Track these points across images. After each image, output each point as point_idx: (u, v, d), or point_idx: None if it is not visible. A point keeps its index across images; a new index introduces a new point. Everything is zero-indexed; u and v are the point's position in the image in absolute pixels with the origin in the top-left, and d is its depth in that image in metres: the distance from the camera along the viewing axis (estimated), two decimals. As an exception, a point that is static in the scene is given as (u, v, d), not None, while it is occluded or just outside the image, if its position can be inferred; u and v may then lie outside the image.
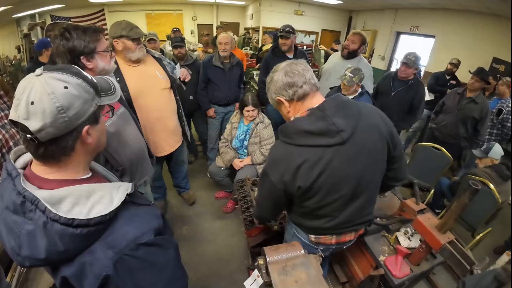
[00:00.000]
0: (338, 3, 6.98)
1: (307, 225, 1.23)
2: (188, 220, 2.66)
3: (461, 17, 4.90)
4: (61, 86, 0.55)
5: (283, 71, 1.03)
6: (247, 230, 1.80)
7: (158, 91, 1.95)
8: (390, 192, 1.99)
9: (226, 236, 2.50)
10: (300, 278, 1.05)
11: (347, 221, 1.18)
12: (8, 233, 0.56)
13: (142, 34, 1.82)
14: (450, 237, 1.36)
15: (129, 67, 1.83)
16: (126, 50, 1.77)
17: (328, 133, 0.96)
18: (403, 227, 1.68)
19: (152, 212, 0.68)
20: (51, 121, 0.54)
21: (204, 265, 2.18)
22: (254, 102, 2.50)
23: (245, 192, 1.96)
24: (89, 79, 0.62)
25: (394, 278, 1.41)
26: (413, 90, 2.72)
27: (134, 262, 0.59)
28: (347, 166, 1.01)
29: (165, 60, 2.07)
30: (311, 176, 0.98)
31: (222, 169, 2.68)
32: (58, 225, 0.53)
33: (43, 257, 0.53)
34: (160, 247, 0.64)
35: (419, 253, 1.47)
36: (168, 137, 2.13)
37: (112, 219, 0.59)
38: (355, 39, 2.77)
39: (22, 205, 0.54)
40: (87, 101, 0.59)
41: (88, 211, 0.56)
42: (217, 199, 2.97)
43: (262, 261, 1.15)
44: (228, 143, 2.69)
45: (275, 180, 1.04)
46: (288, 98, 1.04)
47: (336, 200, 1.08)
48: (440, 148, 2.75)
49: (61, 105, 0.54)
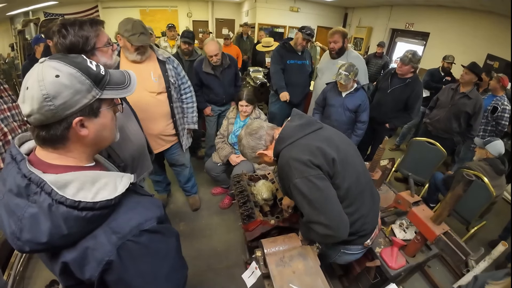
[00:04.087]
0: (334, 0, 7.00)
1: (360, 233, 1.26)
2: (185, 216, 2.66)
3: (455, 14, 4.94)
4: (52, 74, 0.55)
5: (246, 136, 1.26)
6: (244, 224, 1.80)
7: (146, 93, 1.91)
8: (386, 185, 2.01)
9: (223, 231, 2.50)
10: (297, 268, 1.06)
11: (371, 208, 1.28)
12: (9, 217, 0.55)
13: (145, 43, 1.76)
14: (445, 228, 1.38)
15: (127, 62, 1.82)
16: (125, 48, 1.76)
17: (312, 123, 1.20)
18: (398, 219, 1.70)
19: (154, 202, 0.69)
20: (38, 108, 0.54)
21: (201, 260, 2.18)
22: (248, 98, 2.49)
23: (241, 187, 1.96)
24: (92, 71, 0.61)
25: (390, 269, 1.43)
26: (410, 89, 2.70)
27: (137, 249, 0.59)
28: (339, 140, 1.20)
29: (170, 64, 2.00)
30: (331, 144, 1.13)
31: (218, 164, 2.67)
32: (64, 207, 0.53)
33: (44, 240, 0.53)
34: (162, 235, 0.64)
35: (414, 245, 1.49)
36: (152, 140, 2.05)
37: (116, 205, 0.59)
38: (335, 39, 2.81)
39: (27, 187, 0.54)
40: (79, 92, 0.58)
41: (94, 196, 0.56)
42: (214, 195, 2.97)
43: (260, 253, 1.16)
44: (225, 139, 2.69)
45: (316, 173, 1.06)
46: (264, 147, 1.24)
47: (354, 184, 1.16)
48: (434, 143, 2.78)
49: (47, 93, 0.54)
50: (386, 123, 2.90)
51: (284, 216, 1.69)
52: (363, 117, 2.57)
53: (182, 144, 2.28)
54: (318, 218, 1.04)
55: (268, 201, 1.85)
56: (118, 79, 0.67)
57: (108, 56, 1.18)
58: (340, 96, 2.55)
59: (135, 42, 1.70)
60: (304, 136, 1.13)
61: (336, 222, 1.05)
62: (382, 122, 2.91)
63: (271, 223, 1.68)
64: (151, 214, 0.63)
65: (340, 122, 2.60)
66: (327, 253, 1.40)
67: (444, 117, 2.94)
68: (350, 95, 2.51)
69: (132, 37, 1.68)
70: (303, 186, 1.04)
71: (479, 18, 4.53)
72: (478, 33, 4.56)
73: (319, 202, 1.04)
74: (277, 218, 1.68)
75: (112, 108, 0.68)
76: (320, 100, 2.74)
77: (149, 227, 0.60)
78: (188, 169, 2.54)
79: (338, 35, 2.80)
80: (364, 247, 1.34)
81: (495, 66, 4.04)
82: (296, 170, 1.05)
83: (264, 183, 1.88)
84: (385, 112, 2.86)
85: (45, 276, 1.89)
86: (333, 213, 1.05)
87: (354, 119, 2.62)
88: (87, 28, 1.07)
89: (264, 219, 1.69)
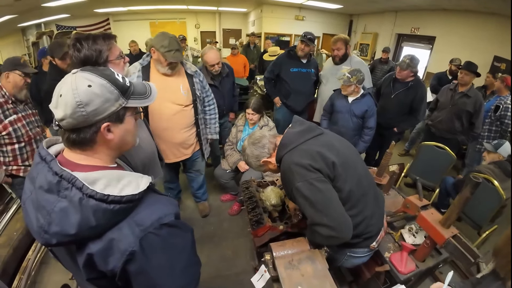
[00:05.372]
0: (339, 7, 7.07)
1: (365, 236, 1.28)
2: (195, 223, 2.69)
3: (460, 17, 4.93)
4: (85, 84, 0.62)
5: (250, 146, 1.32)
6: (253, 230, 1.83)
7: (175, 105, 1.98)
8: (394, 190, 2.01)
9: (232, 238, 2.53)
10: (306, 271, 1.08)
11: (375, 210, 1.30)
12: (38, 212, 0.60)
13: (179, 60, 1.84)
14: (454, 231, 1.37)
15: (158, 73, 1.90)
16: (157, 61, 1.85)
17: (313, 129, 1.25)
18: (408, 224, 1.70)
19: (170, 200, 0.74)
20: (71, 113, 0.61)
21: (210, 266, 2.20)
22: (255, 106, 2.54)
23: (250, 193, 1.99)
24: (119, 82, 0.68)
25: (400, 274, 1.42)
26: (413, 92, 2.74)
27: (157, 241, 0.64)
28: (339, 145, 1.24)
29: (197, 77, 2.07)
30: (331, 149, 1.17)
31: (227, 171, 2.71)
32: (94, 200, 0.58)
33: (73, 232, 0.57)
34: (180, 230, 0.69)
35: (424, 249, 1.48)
36: (174, 148, 2.15)
37: (139, 200, 0.65)
38: (338, 46, 2.87)
39: (58, 184, 0.59)
40: (109, 100, 0.65)
41: (119, 191, 0.61)
42: (223, 201, 3.00)
43: (269, 256, 1.19)
44: (234, 146, 2.74)
45: (316, 176, 1.10)
46: (268, 155, 1.30)
47: (356, 187, 1.19)
48: (443, 147, 2.76)
49: (80, 101, 0.61)
50: (393, 128, 2.92)
51: (293, 222, 1.71)
52: (370, 123, 2.58)
53: (204, 153, 2.37)
54: (321, 220, 1.08)
55: (277, 207, 1.87)
56: (140, 90, 0.75)
57: (120, 69, 1.25)
58: (347, 102, 2.58)
59: (169, 58, 1.78)
60: (304, 141, 1.18)
61: (339, 223, 1.08)
62: (389, 127, 2.92)
63: (279, 229, 1.70)
64: (169, 210, 0.68)
65: (347, 128, 2.63)
66: (335, 257, 1.41)
67: (446, 117, 2.95)
68: (357, 101, 2.54)
69: (167, 53, 1.76)
70: (305, 189, 1.08)
71: (484, 20, 4.51)
72: (484, 35, 4.54)
73: (321, 204, 1.08)
74: (285, 224, 1.70)
75: (134, 116, 0.76)
76: (328, 107, 2.77)
77: (168, 221, 0.66)
78: (202, 176, 2.61)
79: (340, 42, 2.87)
80: (371, 250, 1.34)
81: (502, 68, 4.00)
82: (298, 174, 1.10)
83: (272, 189, 1.91)
84: (391, 117, 2.87)
85: (57, 281, 1.95)
86: (336, 214, 1.08)
87: (361, 125, 2.63)
88: (100, 42, 1.14)
89: (273, 224, 1.71)
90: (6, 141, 1.85)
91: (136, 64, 1.93)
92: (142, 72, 1.91)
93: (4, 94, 1.82)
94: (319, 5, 7.14)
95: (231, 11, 9.94)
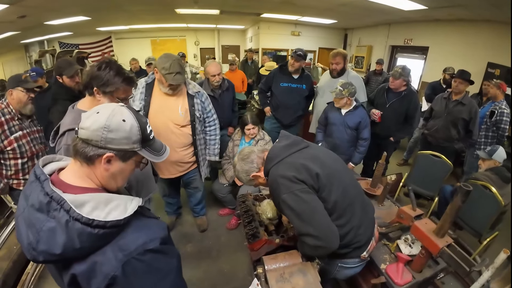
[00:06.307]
0: (333, 22, 7.26)
1: (354, 245, 1.29)
2: (193, 237, 2.68)
3: (453, 26, 5.01)
4: (121, 117, 0.71)
5: (239, 162, 1.37)
6: (249, 244, 1.82)
7: (172, 124, 2.04)
8: (389, 200, 2.01)
9: (230, 252, 2.51)
10: (297, 284, 1.08)
11: (363, 219, 1.31)
12: (28, 229, 0.62)
13: (179, 83, 1.91)
14: (448, 240, 1.37)
15: (160, 92, 1.97)
16: (160, 81, 1.92)
17: (298, 142, 1.30)
18: (404, 235, 1.69)
19: (159, 224, 0.76)
20: (94, 129, 0.67)
21: (208, 281, 2.18)
22: (254, 120, 2.60)
23: (247, 207, 2.00)
24: (146, 132, 0.76)
25: (396, 285, 1.40)
26: (407, 101, 2.81)
27: (140, 266, 0.64)
28: (324, 157, 1.29)
29: (198, 98, 2.11)
30: (316, 161, 1.21)
31: (225, 185, 2.73)
32: (79, 224, 0.60)
33: (58, 252, 0.59)
34: (165, 255, 0.70)
35: (420, 259, 1.47)
36: (169, 165, 2.18)
37: (125, 225, 0.66)
38: (337, 60, 2.94)
39: (48, 204, 0.62)
40: (129, 139, 0.71)
41: (106, 215, 0.63)
42: (221, 215, 3.00)
43: (261, 269, 1.19)
44: (231, 160, 2.76)
45: (300, 187, 1.13)
46: (257, 169, 1.34)
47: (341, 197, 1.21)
48: (439, 155, 2.77)
49: (109, 125, 0.68)
50: (389, 137, 2.95)
51: (289, 235, 1.71)
52: (365, 134, 2.61)
53: (201, 174, 2.38)
54: (308, 230, 1.10)
55: (273, 220, 1.87)
56: (157, 147, 0.81)
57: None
58: (340, 115, 2.62)
59: (170, 81, 1.85)
60: (290, 155, 1.22)
61: (325, 232, 1.10)
62: (385, 136, 2.96)
63: (276, 242, 1.69)
64: (155, 234, 0.69)
65: (342, 140, 2.66)
66: (326, 269, 1.41)
67: (442, 126, 2.98)
68: (350, 113, 2.58)
69: (168, 75, 1.82)
70: (290, 201, 1.11)
71: (476, 28, 4.56)
72: (477, 42, 4.59)
73: (306, 214, 1.10)
74: (282, 237, 1.70)
75: (137, 163, 0.80)
76: (322, 119, 2.82)
77: (152, 247, 0.66)
78: (201, 192, 2.62)
79: (339, 57, 2.94)
80: (362, 260, 1.34)
81: (496, 74, 4.03)
82: (283, 186, 1.13)
83: (268, 203, 1.92)
84: (387, 127, 2.91)
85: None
86: (321, 224, 1.10)
87: (355, 136, 2.66)
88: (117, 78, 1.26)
89: (269, 238, 1.70)
90: (10, 156, 1.93)
91: (142, 81, 2.01)
92: (145, 88, 1.98)
93: (10, 111, 1.92)
94: (314, 20, 7.33)
95: (229, 28, 10.24)
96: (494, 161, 2.46)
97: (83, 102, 1.35)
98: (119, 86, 1.26)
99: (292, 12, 6.47)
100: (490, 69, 4.19)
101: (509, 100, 3.17)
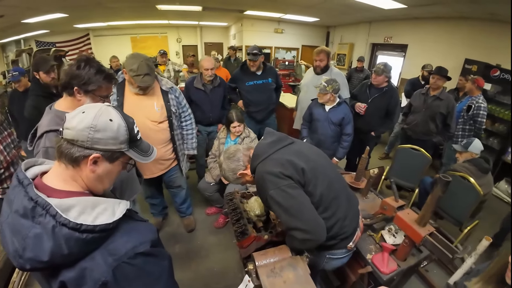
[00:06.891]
0: (315, 20, 7.34)
1: (341, 237, 1.31)
2: (181, 238, 2.65)
3: (431, 24, 5.18)
4: (108, 117, 0.69)
5: (225, 160, 1.37)
6: (238, 241, 1.82)
7: (149, 121, 2.00)
8: (373, 193, 2.07)
9: (219, 251, 2.50)
10: (288, 278, 1.10)
11: (348, 211, 1.34)
12: (13, 236, 0.59)
13: (148, 85, 1.86)
14: (430, 229, 1.43)
15: (131, 93, 1.92)
16: (129, 82, 1.87)
17: (283, 139, 1.32)
18: (387, 225, 1.75)
19: (148, 226, 0.74)
20: (80, 129, 0.65)
21: (198, 281, 2.16)
22: (239, 117, 2.59)
23: (234, 205, 1.99)
24: (133, 132, 0.75)
25: (382, 274, 1.45)
26: (388, 96, 2.90)
27: (131, 270, 0.63)
28: (309, 152, 1.32)
29: (172, 94, 2.09)
30: (301, 156, 1.23)
31: (211, 184, 2.71)
32: (66, 229, 0.57)
33: (46, 259, 0.57)
34: (156, 258, 0.69)
35: (404, 248, 1.52)
36: (151, 165, 2.14)
37: (114, 229, 0.64)
38: (321, 57, 2.98)
39: (33, 210, 0.59)
40: (116, 139, 0.70)
41: (93, 220, 0.61)
42: (208, 215, 2.97)
43: (252, 266, 1.19)
44: (217, 158, 2.74)
45: (287, 182, 1.15)
46: (243, 167, 1.35)
47: (326, 190, 1.24)
48: (418, 148, 2.89)
49: (95, 125, 0.66)
50: (371, 132, 3.03)
51: (277, 231, 1.72)
52: (348, 130, 2.67)
53: (182, 169, 2.37)
54: (296, 224, 1.12)
55: (261, 217, 1.87)
56: (144, 148, 0.81)
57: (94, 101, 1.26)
58: (324, 111, 2.66)
59: (138, 83, 1.80)
60: (275, 151, 1.24)
61: (312, 226, 1.13)
62: (367, 131, 3.04)
63: (264, 239, 1.70)
64: (145, 237, 0.68)
65: (326, 136, 2.70)
66: (315, 261, 1.44)
67: (421, 120, 3.09)
68: (333, 109, 2.63)
69: (136, 77, 1.77)
70: (278, 196, 1.13)
71: (454, 25, 4.74)
72: (455, 39, 4.77)
73: (294, 209, 1.12)
74: (270, 233, 1.71)
75: (124, 164, 0.78)
76: (307, 116, 2.85)
77: (143, 250, 0.65)
78: (185, 190, 2.59)
79: (323, 54, 2.98)
80: (349, 250, 1.39)
81: (474, 70, 4.20)
82: (270, 182, 1.15)
83: (256, 200, 1.92)
84: (369, 122, 2.99)
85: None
86: (309, 217, 1.13)
87: (339, 132, 2.72)
88: (98, 76, 1.21)
89: (257, 234, 1.70)
90: None
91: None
92: (117, 88, 1.92)
93: None
94: (297, 18, 7.39)
95: (212, 25, 10.11)
96: (470, 153, 2.57)
97: (61, 103, 1.29)
98: (100, 84, 1.22)
99: (275, 10, 6.50)
100: (467, 65, 4.36)
101: (487, 94, 3.33)
